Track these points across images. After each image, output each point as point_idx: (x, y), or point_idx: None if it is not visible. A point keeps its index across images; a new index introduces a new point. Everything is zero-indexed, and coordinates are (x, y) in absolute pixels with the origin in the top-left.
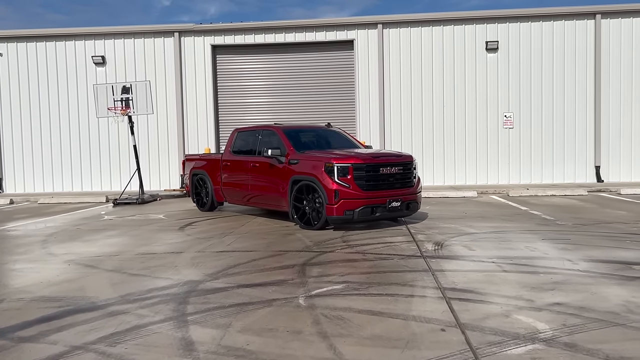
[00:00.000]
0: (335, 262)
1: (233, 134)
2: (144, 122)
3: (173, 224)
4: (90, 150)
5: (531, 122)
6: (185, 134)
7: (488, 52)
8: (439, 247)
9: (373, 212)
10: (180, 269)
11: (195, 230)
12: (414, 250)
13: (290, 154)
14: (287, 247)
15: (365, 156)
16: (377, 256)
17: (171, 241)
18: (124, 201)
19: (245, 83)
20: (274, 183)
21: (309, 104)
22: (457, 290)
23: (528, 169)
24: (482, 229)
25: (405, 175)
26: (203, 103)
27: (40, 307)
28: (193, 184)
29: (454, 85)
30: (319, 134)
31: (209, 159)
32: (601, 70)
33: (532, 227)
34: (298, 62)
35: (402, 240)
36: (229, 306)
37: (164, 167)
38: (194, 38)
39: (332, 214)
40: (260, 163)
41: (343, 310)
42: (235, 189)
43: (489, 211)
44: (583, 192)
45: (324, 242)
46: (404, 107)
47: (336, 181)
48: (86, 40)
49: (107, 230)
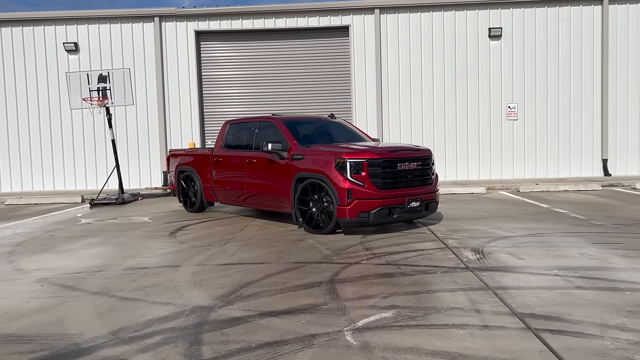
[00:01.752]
0: (368, 278)
1: (224, 126)
2: (122, 114)
3: (162, 229)
4: (64, 146)
5: (536, 114)
6: (167, 128)
7: (491, 40)
8: (481, 255)
9: (390, 214)
10: (182, 290)
11: (188, 237)
12: (454, 261)
13: (294, 148)
14: (303, 257)
15: (381, 150)
16: (414, 269)
17: (163, 251)
18: (102, 201)
19: (232, 72)
20: (274, 181)
21: (301, 94)
22: (539, 317)
23: (533, 163)
24: (515, 232)
25: (424, 172)
26: (187, 94)
27: (4, 355)
28: (179, 183)
29: (455, 75)
30: (322, 125)
31: (197, 155)
32: (608, 58)
33: (570, 229)
34: (289, 49)
35: (433, 247)
36: (257, 347)
37: (144, 163)
38: (175, 23)
39: (344, 216)
40: (257, 159)
41: (411, 353)
42: (228, 188)
43: (508, 209)
44: (596, 187)
45: (343, 250)
46: (402, 97)
47: (349, 179)
48: (57, 26)
49: (87, 237)
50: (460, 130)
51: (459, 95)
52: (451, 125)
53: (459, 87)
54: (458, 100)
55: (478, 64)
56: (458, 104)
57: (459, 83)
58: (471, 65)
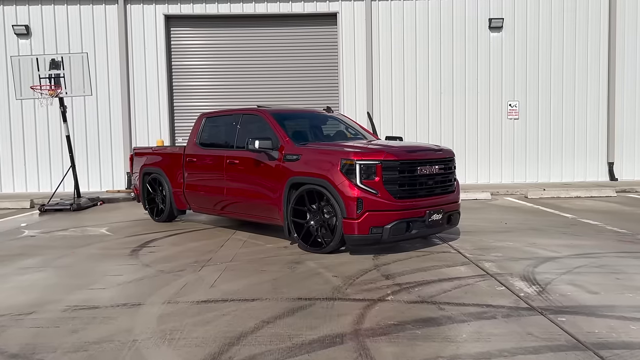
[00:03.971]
0: (407, 328)
1: (199, 120)
2: (80, 106)
3: (122, 245)
4: (12, 142)
5: (538, 112)
6: (132, 123)
7: (491, 31)
8: (538, 286)
9: (409, 229)
10: (144, 351)
11: (155, 256)
12: (508, 296)
13: (286, 146)
14: (307, 289)
15: (397, 150)
16: (463, 311)
17: (122, 278)
18: (54, 207)
19: (207, 62)
20: (261, 187)
21: (282, 87)
22: None
23: (534, 166)
24: (558, 250)
25: (447, 177)
26: (154, 85)
27: None
28: (144, 186)
29: (452, 69)
30: (318, 120)
31: (166, 154)
32: (616, 53)
33: (620, 247)
34: (270, 38)
35: (470, 274)
36: None
37: (106, 162)
38: (142, 6)
39: (352, 232)
40: (240, 159)
41: None
42: (203, 194)
43: (530, 220)
44: (610, 193)
45: (356, 278)
46: (395, 92)
47: (359, 185)
48: (5, 6)
49: (25, 256)
50: (458, 130)
51: (456, 91)
52: (447, 124)
53: (456, 83)
54: (455, 97)
55: (477, 58)
56: (455, 100)
57: (456, 78)
58: (470, 59)
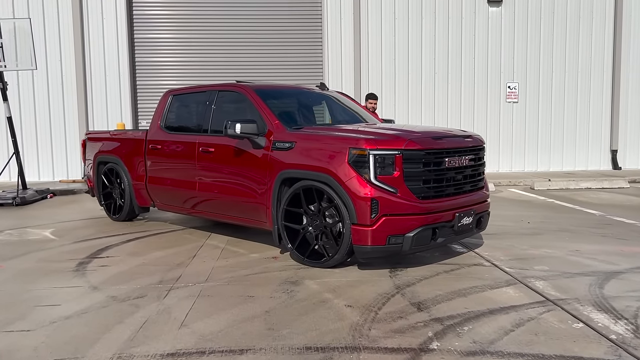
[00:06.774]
0: None
1: (164, 99)
2: (28, 84)
3: (67, 255)
4: None
5: (539, 95)
6: (89, 103)
7: (490, 6)
8: (629, 323)
9: (434, 237)
10: None
11: (107, 272)
12: (597, 341)
13: (276, 131)
14: (315, 330)
15: (420, 137)
16: None
17: (58, 311)
18: None
19: (174, 36)
20: (244, 181)
21: (259, 64)
22: None
23: (534, 153)
24: (615, 262)
25: (477, 170)
26: (114, 60)
27: None
28: (99, 178)
29: (447, 47)
30: (312, 99)
31: (125, 139)
32: (622, 32)
33: None
34: (245, 9)
35: (523, 300)
36: None
37: (59, 149)
38: None
39: (365, 242)
40: (217, 147)
41: None
42: (170, 188)
43: (552, 217)
44: (623, 184)
45: (377, 309)
46: (385, 73)
47: (373, 182)
48: None
49: None
50: (453, 113)
51: (451, 71)
52: (442, 107)
53: (451, 62)
54: (451, 77)
55: (475, 35)
56: (451, 81)
57: (451, 57)
58: (466, 36)
